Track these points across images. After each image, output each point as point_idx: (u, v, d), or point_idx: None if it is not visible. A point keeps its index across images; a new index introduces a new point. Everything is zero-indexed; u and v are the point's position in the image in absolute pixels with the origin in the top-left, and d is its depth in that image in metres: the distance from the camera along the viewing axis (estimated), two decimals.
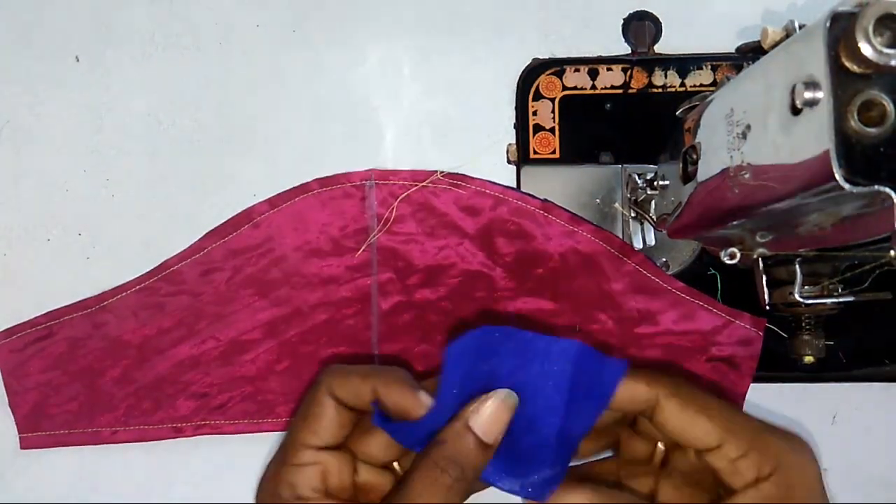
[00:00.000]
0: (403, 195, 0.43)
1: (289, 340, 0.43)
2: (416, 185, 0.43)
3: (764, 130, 0.28)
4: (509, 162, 0.44)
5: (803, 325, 0.39)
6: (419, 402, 0.32)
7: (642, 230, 0.43)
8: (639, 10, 0.44)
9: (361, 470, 0.34)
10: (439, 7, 0.45)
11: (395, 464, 0.35)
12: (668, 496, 0.35)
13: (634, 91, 0.44)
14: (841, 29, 0.24)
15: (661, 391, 0.32)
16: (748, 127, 0.29)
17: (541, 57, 0.44)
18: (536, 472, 0.33)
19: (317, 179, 0.43)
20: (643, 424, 0.35)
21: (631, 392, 0.33)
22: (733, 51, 0.42)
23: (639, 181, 0.41)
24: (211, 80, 0.44)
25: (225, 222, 0.43)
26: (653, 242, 0.43)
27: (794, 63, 0.26)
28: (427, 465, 0.30)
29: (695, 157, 0.35)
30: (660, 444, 0.35)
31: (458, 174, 0.43)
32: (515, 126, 0.44)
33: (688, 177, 0.36)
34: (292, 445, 0.33)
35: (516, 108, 0.44)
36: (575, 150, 0.44)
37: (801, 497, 0.31)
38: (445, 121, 0.44)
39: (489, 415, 0.31)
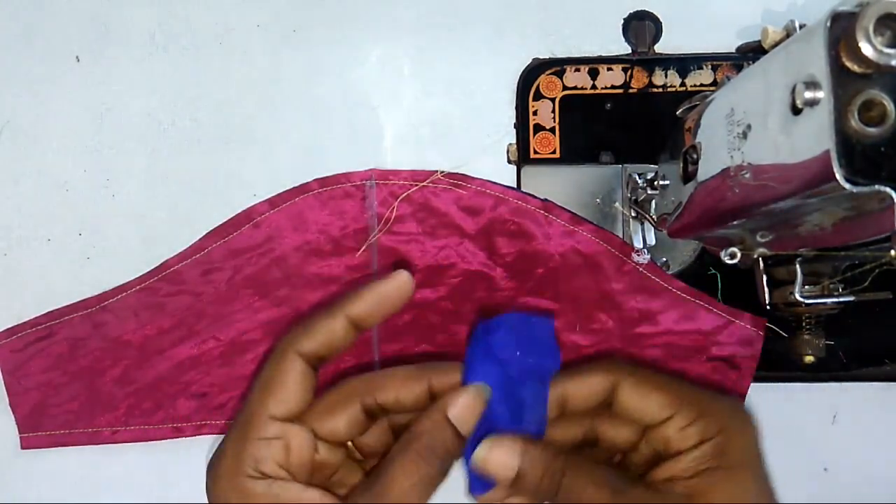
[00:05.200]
0: (404, 195, 0.43)
1: None
2: (417, 185, 0.43)
3: (764, 130, 0.28)
4: (509, 162, 0.44)
5: (803, 324, 0.39)
6: (397, 283, 0.33)
7: (642, 230, 0.43)
8: (639, 9, 0.44)
9: (320, 447, 0.33)
10: (439, 7, 0.45)
11: (349, 442, 0.34)
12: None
13: (635, 91, 0.44)
14: (841, 29, 0.24)
15: (618, 375, 0.33)
16: (748, 127, 0.29)
17: (541, 57, 0.44)
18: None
19: (317, 179, 0.43)
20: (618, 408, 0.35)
21: (590, 384, 0.34)
22: (733, 51, 0.42)
23: (639, 181, 0.41)
24: (211, 80, 0.44)
25: (225, 222, 0.43)
26: (653, 242, 0.43)
27: (795, 63, 0.26)
28: (409, 457, 0.31)
29: (695, 156, 0.35)
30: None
31: (458, 174, 0.43)
32: (515, 126, 0.44)
33: (688, 177, 0.36)
34: (256, 417, 0.32)
35: (516, 107, 0.44)
36: (575, 150, 0.44)
37: (736, 455, 0.32)
38: (445, 121, 0.44)
39: (465, 405, 0.32)
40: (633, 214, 0.43)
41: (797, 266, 0.35)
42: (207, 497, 0.32)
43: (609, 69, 0.44)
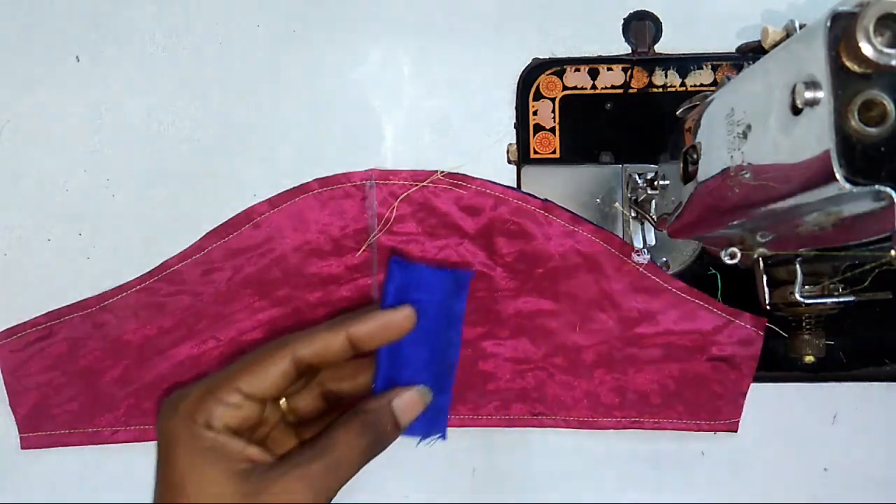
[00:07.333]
0: (404, 195, 0.43)
1: None
2: (417, 185, 0.43)
3: (764, 130, 0.28)
4: (510, 162, 0.44)
5: (803, 324, 0.39)
6: (404, 315, 0.35)
7: (642, 230, 0.43)
8: (639, 10, 0.44)
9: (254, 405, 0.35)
10: (439, 7, 0.45)
11: (284, 402, 0.36)
12: None
13: (635, 91, 0.44)
14: (841, 29, 0.24)
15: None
16: (748, 127, 0.29)
17: (541, 57, 0.44)
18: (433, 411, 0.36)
19: (317, 179, 0.43)
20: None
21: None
22: (733, 51, 0.42)
23: (639, 181, 0.41)
24: (211, 80, 0.44)
25: (225, 222, 0.43)
26: (653, 242, 0.43)
27: (795, 63, 0.26)
28: (351, 428, 0.34)
29: (695, 156, 0.35)
30: None
31: (458, 174, 0.43)
32: (516, 126, 0.44)
33: (688, 177, 0.36)
34: (225, 383, 0.33)
35: (516, 107, 0.44)
36: (575, 150, 0.44)
37: None
38: (445, 121, 0.44)
39: (408, 403, 0.35)
40: (633, 214, 0.43)
41: (797, 266, 0.35)
42: (158, 422, 0.34)
43: (609, 69, 0.44)
